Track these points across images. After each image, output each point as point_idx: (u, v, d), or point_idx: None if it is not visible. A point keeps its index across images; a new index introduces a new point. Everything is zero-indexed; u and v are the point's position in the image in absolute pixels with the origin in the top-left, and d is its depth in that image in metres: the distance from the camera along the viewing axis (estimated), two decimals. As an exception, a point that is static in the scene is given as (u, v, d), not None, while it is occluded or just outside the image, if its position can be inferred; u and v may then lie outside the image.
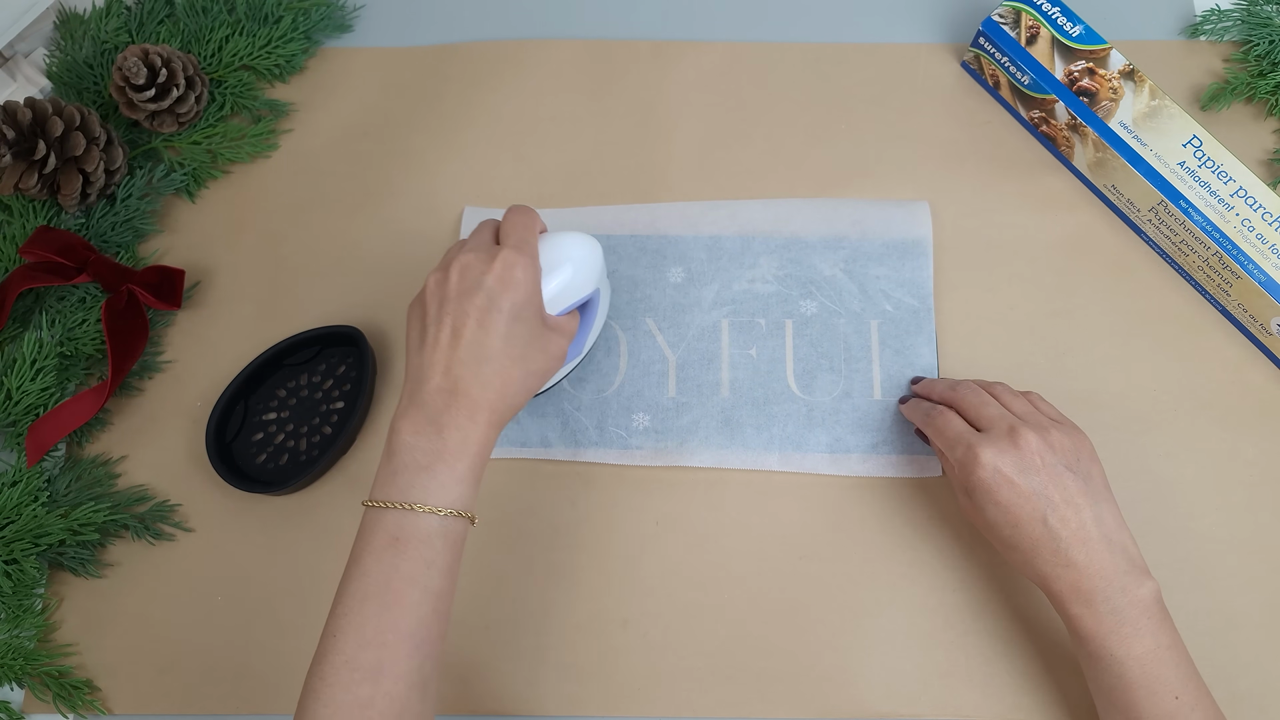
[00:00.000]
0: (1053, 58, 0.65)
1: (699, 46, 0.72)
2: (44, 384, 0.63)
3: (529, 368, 0.50)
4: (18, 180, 0.64)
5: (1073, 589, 0.50)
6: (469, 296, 0.49)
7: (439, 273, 0.51)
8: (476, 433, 0.48)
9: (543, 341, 0.51)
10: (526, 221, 0.52)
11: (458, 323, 0.48)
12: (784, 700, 0.58)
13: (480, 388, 0.48)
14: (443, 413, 0.47)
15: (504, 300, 0.49)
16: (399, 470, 0.47)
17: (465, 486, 0.47)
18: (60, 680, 0.58)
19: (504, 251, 0.50)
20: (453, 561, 0.47)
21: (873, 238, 0.66)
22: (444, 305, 0.49)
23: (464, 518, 0.47)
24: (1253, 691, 0.57)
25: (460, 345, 0.48)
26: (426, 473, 0.47)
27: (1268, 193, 0.61)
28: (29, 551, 0.59)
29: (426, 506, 0.46)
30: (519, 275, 0.49)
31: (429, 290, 0.50)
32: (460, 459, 0.47)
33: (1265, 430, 0.62)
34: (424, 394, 0.48)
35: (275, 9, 0.72)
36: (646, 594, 0.60)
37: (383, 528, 0.46)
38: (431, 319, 0.49)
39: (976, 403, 0.55)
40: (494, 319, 0.48)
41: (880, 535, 0.60)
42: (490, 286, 0.49)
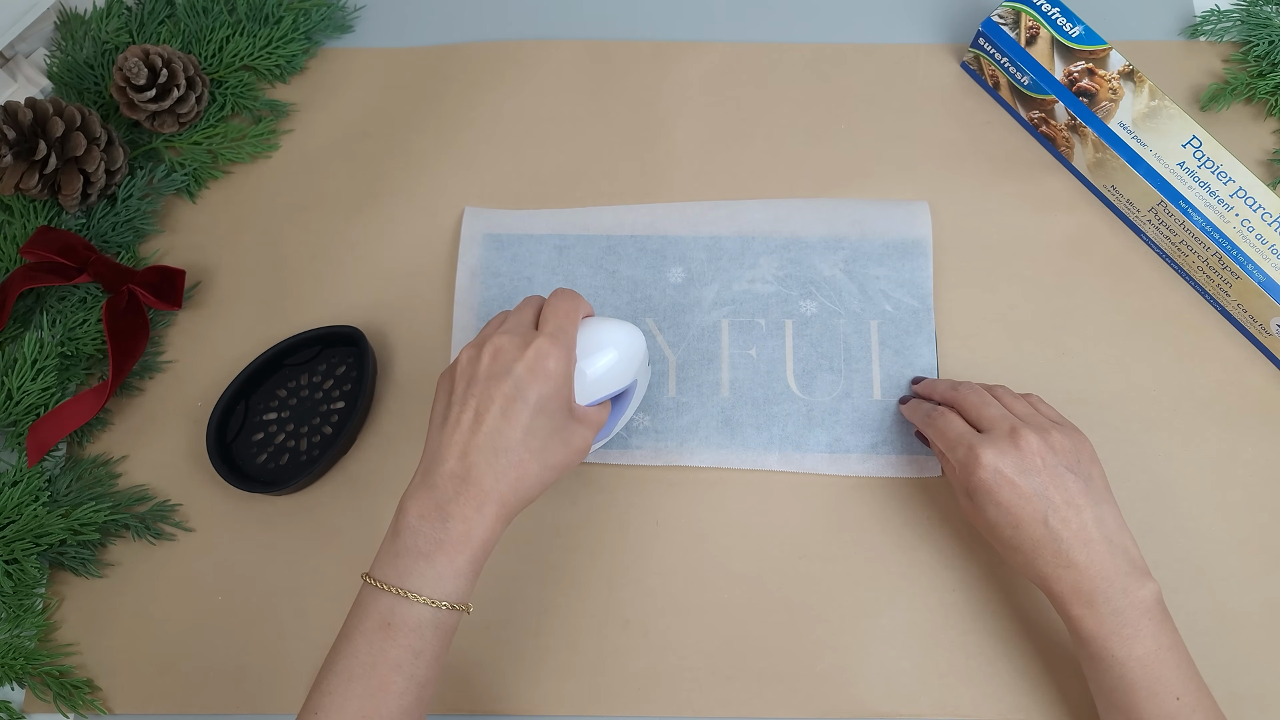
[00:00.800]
0: (1052, 58, 0.65)
1: (699, 47, 0.72)
2: (45, 384, 0.63)
3: (547, 461, 0.49)
4: (18, 180, 0.64)
5: (1074, 590, 0.50)
6: (497, 382, 0.48)
7: (473, 349, 0.50)
8: (482, 525, 0.47)
9: (565, 435, 0.50)
10: (569, 308, 0.51)
11: (481, 407, 0.47)
12: (784, 700, 0.58)
13: (493, 479, 0.47)
14: (451, 500, 0.47)
15: (531, 391, 0.48)
16: (400, 553, 0.47)
17: (463, 580, 0.47)
18: (61, 680, 0.58)
19: (539, 340, 0.49)
20: (440, 651, 0.47)
21: (872, 238, 0.66)
22: (471, 386, 0.48)
23: (458, 610, 0.47)
24: (1253, 691, 0.57)
25: (480, 432, 0.47)
26: (426, 560, 0.46)
27: (1267, 193, 0.61)
28: (30, 551, 0.60)
29: (422, 597, 0.46)
30: (550, 366, 0.48)
31: (460, 366, 0.49)
32: (461, 552, 0.47)
33: (1265, 430, 0.62)
34: (436, 476, 0.47)
35: (276, 9, 0.72)
36: (646, 594, 0.60)
37: (376, 609, 0.46)
38: (457, 398, 0.49)
39: (978, 403, 0.55)
40: (518, 409, 0.47)
41: (880, 535, 0.60)
42: (520, 375, 0.48)
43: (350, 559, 0.61)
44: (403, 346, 0.65)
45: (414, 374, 0.65)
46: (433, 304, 0.66)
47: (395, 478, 0.62)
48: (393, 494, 0.62)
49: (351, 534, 0.62)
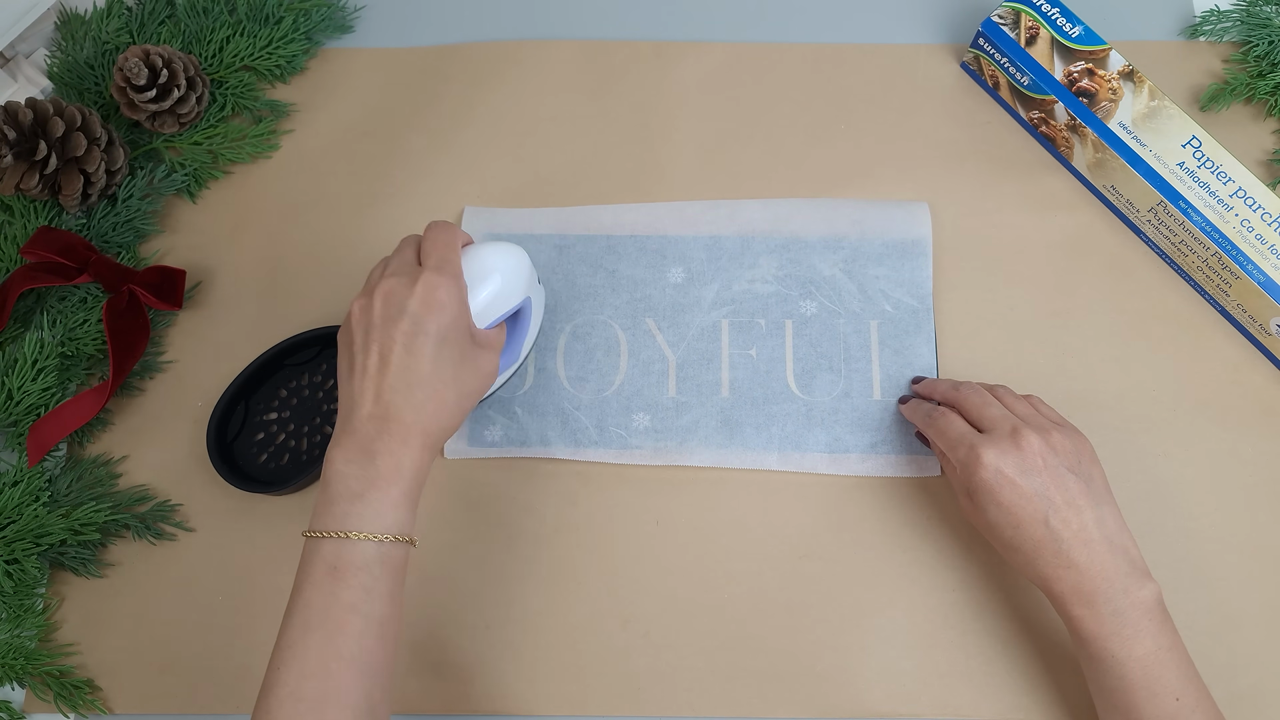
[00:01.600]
0: (1052, 58, 0.65)
1: (699, 47, 0.72)
2: (45, 384, 0.63)
3: (461, 389, 0.50)
4: (19, 181, 0.64)
5: (1074, 590, 0.50)
6: (394, 322, 0.48)
7: (363, 299, 0.50)
8: (410, 457, 0.48)
9: (474, 361, 0.51)
10: (447, 239, 0.52)
11: (385, 349, 0.48)
12: (784, 700, 0.58)
13: (412, 412, 0.48)
14: (375, 440, 0.47)
15: (429, 323, 0.49)
16: (334, 499, 0.47)
17: (401, 511, 0.47)
18: (61, 680, 0.58)
19: (425, 274, 0.49)
20: (394, 587, 0.47)
21: (872, 238, 0.66)
22: (370, 333, 0.49)
23: (402, 542, 0.47)
24: (1253, 691, 0.57)
25: (389, 372, 0.48)
26: (360, 500, 0.47)
27: (1267, 193, 0.61)
28: (30, 551, 0.60)
29: (363, 534, 0.46)
30: (442, 297, 0.49)
31: (354, 318, 0.50)
32: (394, 484, 0.47)
33: (1265, 430, 0.62)
34: (355, 422, 0.48)
35: (276, 10, 0.72)
36: (646, 594, 0.60)
37: (320, 557, 0.46)
38: (359, 347, 0.49)
39: (979, 403, 0.55)
40: (421, 343, 0.48)
41: (880, 535, 0.60)
42: (414, 311, 0.48)
43: (350, 559, 0.61)
44: (403, 346, 0.65)
45: (414, 374, 0.65)
46: (433, 304, 0.66)
47: (395, 478, 0.62)
48: (393, 494, 0.62)
49: (352, 534, 0.62)
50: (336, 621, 0.45)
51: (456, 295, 0.50)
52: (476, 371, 0.51)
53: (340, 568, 0.46)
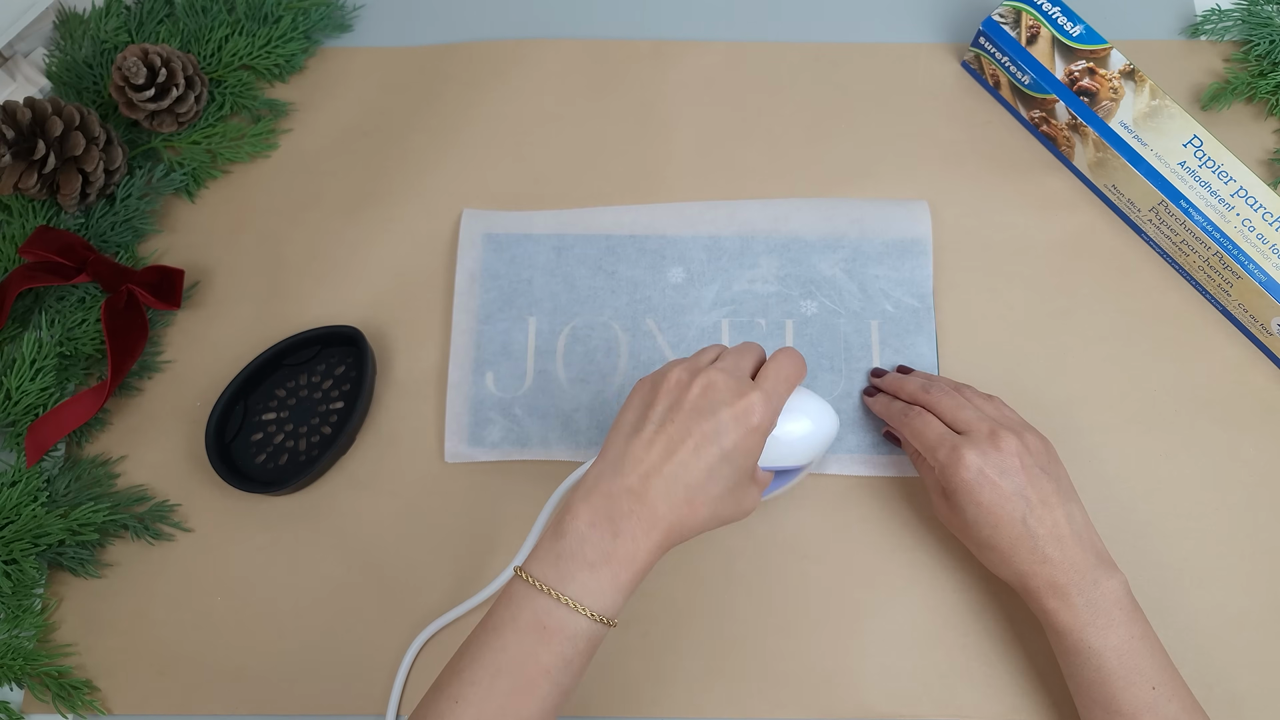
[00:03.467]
0: (1053, 57, 0.65)
1: (699, 46, 0.72)
2: (43, 384, 0.63)
3: (716, 511, 0.48)
4: (17, 180, 0.64)
5: (1049, 584, 0.51)
6: (701, 418, 0.47)
7: (686, 374, 0.48)
8: (648, 547, 0.46)
9: (740, 493, 0.49)
10: (790, 374, 0.50)
11: (677, 436, 0.47)
12: (784, 700, 0.58)
13: (667, 507, 0.46)
14: (625, 517, 0.46)
15: (729, 439, 0.47)
16: (564, 556, 0.45)
17: (621, 596, 0.46)
18: (59, 680, 0.58)
19: (755, 393, 0.48)
20: (585, 664, 0.46)
21: (872, 237, 0.66)
22: (672, 411, 0.47)
23: (609, 626, 0.46)
24: (1253, 691, 0.57)
25: (670, 460, 0.46)
26: (591, 570, 0.45)
27: (1268, 193, 0.61)
28: (28, 551, 0.59)
29: (582, 607, 0.44)
30: (755, 422, 0.47)
31: (668, 384, 0.48)
32: (626, 569, 0.45)
33: (1265, 430, 0.62)
34: (613, 485, 0.46)
35: (275, 9, 0.72)
36: (646, 594, 0.60)
37: (532, 609, 0.45)
38: (655, 417, 0.47)
39: (952, 405, 0.55)
40: (711, 452, 0.46)
41: (880, 535, 0.60)
42: (724, 420, 0.47)
43: (350, 559, 0.61)
44: (402, 346, 0.65)
45: (413, 374, 0.65)
46: (432, 304, 0.66)
47: (395, 478, 0.62)
48: (393, 494, 0.62)
49: (351, 534, 0.61)
50: (528, 679, 0.44)
51: (765, 429, 0.48)
52: (738, 504, 0.49)
53: (550, 628, 0.44)
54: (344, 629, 0.60)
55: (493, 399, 0.63)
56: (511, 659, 0.44)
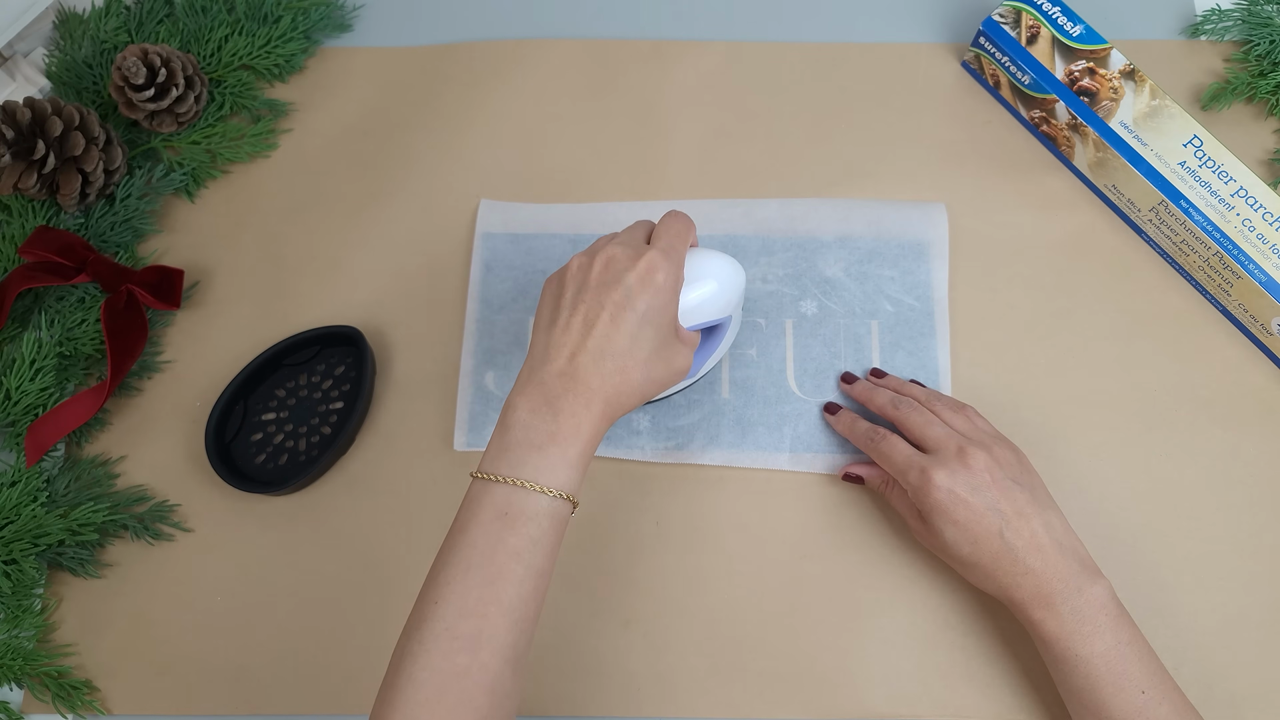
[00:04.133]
0: (1053, 57, 0.65)
1: (699, 46, 0.72)
2: (43, 384, 0.63)
3: (649, 374, 0.50)
4: (17, 180, 0.64)
5: (1033, 595, 0.51)
6: (608, 289, 0.49)
7: (585, 258, 0.51)
8: (590, 420, 0.48)
9: (669, 352, 0.51)
10: (680, 229, 0.52)
11: (591, 312, 0.49)
12: (784, 700, 0.58)
13: (600, 379, 0.48)
14: (561, 396, 0.48)
15: (640, 301, 0.49)
16: (511, 446, 0.47)
17: (574, 471, 0.48)
18: (59, 680, 0.58)
19: (651, 252, 0.50)
20: (555, 543, 0.47)
21: (887, 238, 0.65)
22: (581, 292, 0.49)
23: (570, 501, 0.48)
24: (1253, 691, 0.57)
25: (590, 336, 0.48)
26: (539, 452, 0.47)
27: (1268, 192, 0.61)
28: (28, 552, 0.59)
29: (538, 485, 0.46)
30: (660, 279, 0.49)
31: (571, 272, 0.50)
32: (573, 443, 0.47)
33: (1265, 430, 0.62)
34: (544, 374, 0.48)
35: (275, 9, 0.72)
36: (647, 594, 0.60)
37: (491, 501, 0.47)
38: (566, 302, 0.50)
39: (920, 423, 0.56)
40: (627, 317, 0.48)
41: (881, 537, 0.60)
42: (630, 284, 0.49)
43: (350, 559, 0.61)
44: (402, 346, 0.65)
45: (413, 373, 0.65)
46: (432, 303, 0.66)
47: (395, 477, 0.62)
48: (393, 494, 0.62)
49: (351, 534, 0.61)
50: (500, 567, 0.45)
51: (673, 282, 0.50)
52: (669, 363, 0.51)
53: (511, 514, 0.46)
54: (344, 629, 0.60)
55: (494, 399, 0.63)
56: (480, 552, 0.46)
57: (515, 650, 0.45)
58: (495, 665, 0.44)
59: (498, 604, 0.45)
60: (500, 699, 0.44)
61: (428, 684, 0.43)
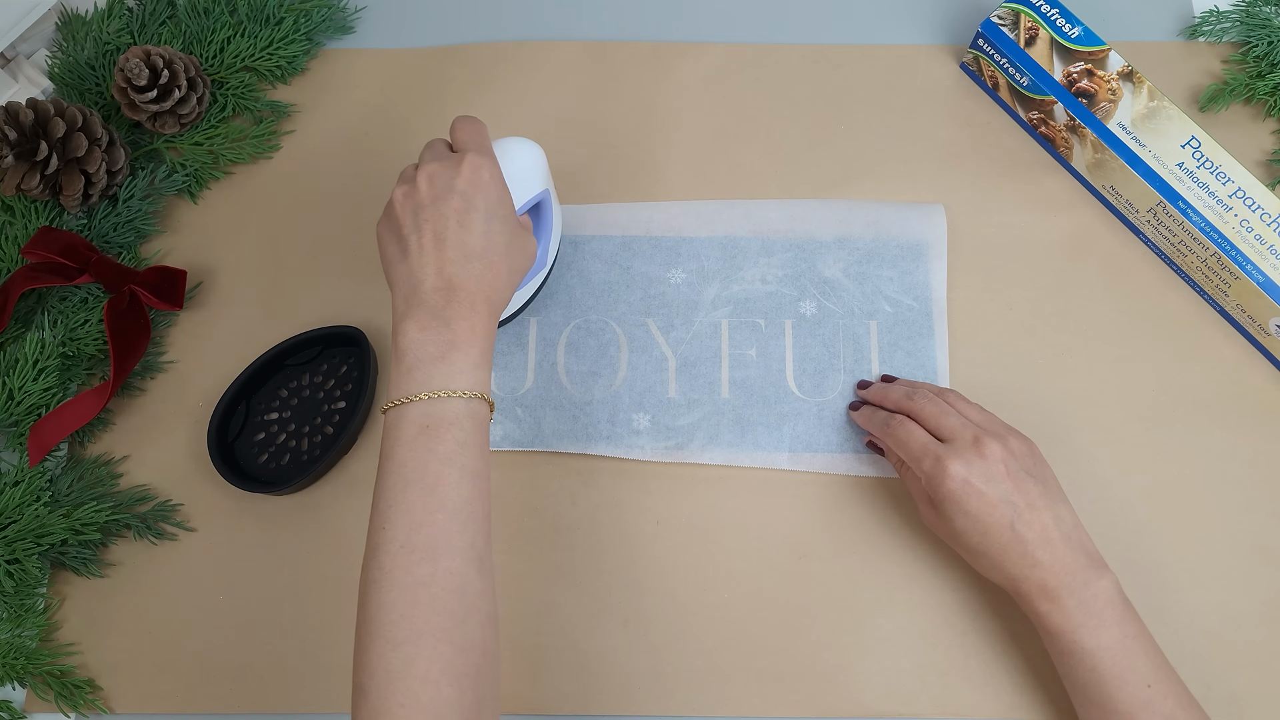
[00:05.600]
0: (1051, 59, 0.65)
1: (698, 48, 0.73)
2: (46, 384, 0.63)
3: (512, 265, 0.52)
4: (20, 181, 0.64)
5: (1040, 587, 0.51)
6: (444, 200, 0.50)
7: (404, 186, 0.51)
8: (481, 322, 0.49)
9: (520, 240, 0.53)
10: (478, 128, 0.54)
11: (439, 227, 0.50)
12: (784, 699, 0.58)
13: (474, 281, 0.49)
14: (445, 308, 0.49)
15: (478, 200, 0.50)
16: (414, 366, 0.48)
17: (481, 371, 0.49)
18: (62, 679, 0.58)
19: (469, 155, 0.51)
20: (483, 442, 0.48)
21: (887, 239, 0.66)
22: (420, 213, 0.50)
23: (485, 401, 0.49)
24: (1253, 691, 0.57)
25: (446, 246, 0.49)
26: (444, 362, 0.48)
27: (1266, 194, 0.61)
28: (31, 551, 0.60)
29: (450, 391, 0.47)
30: (486, 176, 0.51)
31: (398, 204, 0.51)
32: (472, 345, 0.49)
33: (1264, 430, 0.62)
34: (421, 294, 0.49)
35: (277, 10, 0.72)
36: (647, 593, 0.60)
37: (410, 420, 0.47)
38: (409, 229, 0.50)
39: (936, 412, 0.56)
40: (473, 219, 0.50)
41: (880, 535, 0.61)
42: (463, 189, 0.50)
43: (352, 559, 0.61)
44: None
45: (415, 374, 0.65)
46: (433, 304, 0.66)
47: (396, 478, 0.63)
48: (393, 494, 0.62)
49: (353, 534, 0.62)
50: (435, 475, 0.46)
51: (498, 175, 0.52)
52: (523, 250, 0.53)
53: (432, 425, 0.47)
54: (345, 628, 0.60)
55: (495, 399, 0.63)
56: (412, 469, 0.46)
57: (474, 550, 0.46)
58: (458, 566, 0.45)
59: (444, 510, 0.46)
60: (472, 599, 0.45)
61: (398, 601, 0.44)
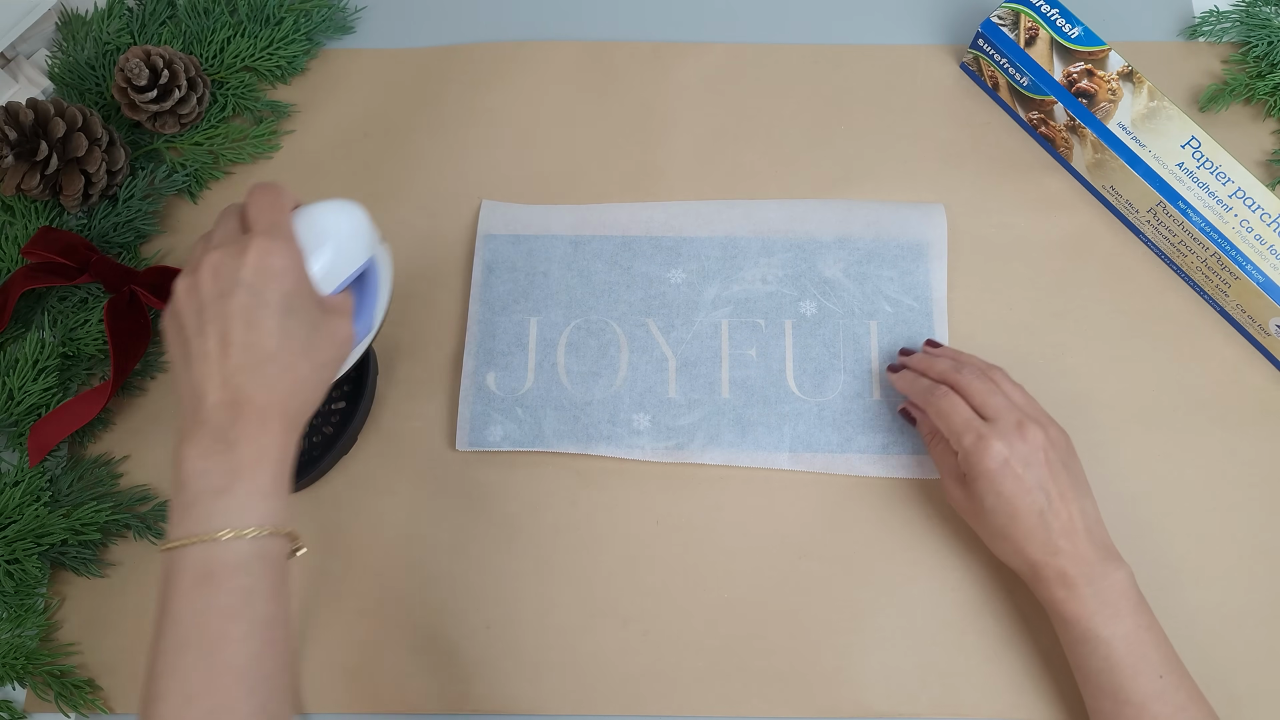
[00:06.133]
0: (1051, 59, 0.65)
1: (698, 48, 0.73)
2: (46, 384, 0.63)
3: (317, 359, 0.46)
4: (20, 181, 0.64)
5: (1060, 574, 0.51)
6: (228, 297, 0.43)
7: (187, 278, 0.45)
8: (272, 441, 0.43)
9: (327, 328, 0.46)
10: (272, 200, 0.47)
11: (224, 328, 0.43)
12: (784, 699, 0.58)
13: (266, 392, 0.43)
14: (229, 428, 0.43)
15: (269, 293, 0.44)
16: (193, 501, 0.42)
17: (273, 500, 0.43)
18: (62, 679, 0.58)
19: (256, 240, 0.44)
20: (277, 584, 0.43)
21: (886, 239, 0.66)
22: (203, 313, 0.44)
23: (280, 535, 0.43)
24: (1253, 691, 0.57)
25: (232, 352, 0.43)
26: (226, 495, 0.42)
27: (1266, 194, 0.61)
28: (31, 551, 0.60)
29: (233, 532, 0.41)
30: (277, 263, 0.44)
31: (180, 299, 0.45)
32: (260, 472, 0.43)
33: (1264, 430, 0.62)
34: (204, 412, 0.43)
35: (277, 10, 0.72)
36: (647, 593, 0.60)
37: (187, 566, 0.41)
38: (193, 331, 0.44)
39: (983, 389, 0.55)
40: (262, 315, 0.43)
41: (880, 535, 0.61)
42: (249, 281, 0.44)
43: (352, 559, 0.61)
44: (404, 346, 0.66)
45: (415, 374, 0.65)
46: (434, 303, 0.66)
47: (398, 477, 0.63)
48: (395, 493, 0.62)
49: (353, 534, 0.62)
50: (217, 632, 0.41)
51: (294, 259, 0.45)
52: (331, 339, 0.47)
53: (213, 573, 0.41)
54: (345, 628, 0.60)
55: (493, 398, 0.63)
56: (189, 627, 0.41)
57: (266, 714, 0.41)
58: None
59: (228, 672, 0.40)
60: None
61: None
